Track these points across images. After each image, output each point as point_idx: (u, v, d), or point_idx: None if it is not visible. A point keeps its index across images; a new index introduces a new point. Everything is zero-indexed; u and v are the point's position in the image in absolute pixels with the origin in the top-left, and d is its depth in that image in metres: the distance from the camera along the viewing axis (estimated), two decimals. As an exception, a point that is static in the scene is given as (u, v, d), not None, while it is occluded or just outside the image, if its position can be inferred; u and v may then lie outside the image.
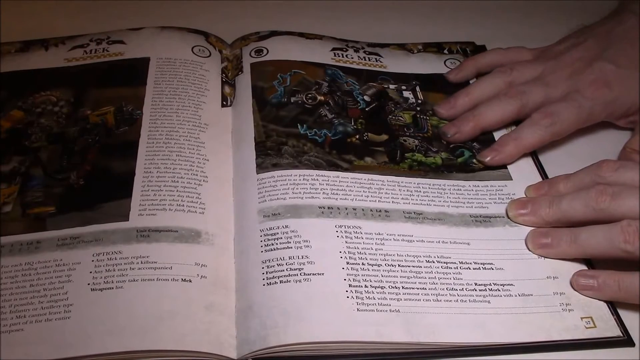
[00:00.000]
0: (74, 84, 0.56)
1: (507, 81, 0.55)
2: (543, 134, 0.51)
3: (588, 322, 0.42)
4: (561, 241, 0.44)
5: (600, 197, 0.43)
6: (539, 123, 0.51)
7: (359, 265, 0.43)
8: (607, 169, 0.45)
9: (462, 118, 0.54)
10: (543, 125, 0.51)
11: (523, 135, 0.52)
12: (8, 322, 0.39)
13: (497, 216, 0.48)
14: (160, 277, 0.42)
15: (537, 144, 0.52)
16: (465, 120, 0.54)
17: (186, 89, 0.56)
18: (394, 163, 0.52)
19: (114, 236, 0.44)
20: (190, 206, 0.46)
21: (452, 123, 0.55)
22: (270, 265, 0.43)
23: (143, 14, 0.67)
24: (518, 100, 0.53)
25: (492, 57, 0.60)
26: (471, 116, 0.54)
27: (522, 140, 0.52)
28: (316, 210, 0.46)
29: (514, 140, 0.52)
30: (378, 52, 0.63)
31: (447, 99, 0.57)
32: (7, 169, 0.49)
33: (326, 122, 0.54)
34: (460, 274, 0.44)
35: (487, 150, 0.53)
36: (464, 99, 0.56)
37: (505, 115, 0.53)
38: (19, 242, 0.44)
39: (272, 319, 0.40)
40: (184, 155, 0.50)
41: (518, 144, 0.52)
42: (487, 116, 0.53)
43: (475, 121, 0.53)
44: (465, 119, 0.54)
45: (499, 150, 0.52)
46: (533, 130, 0.52)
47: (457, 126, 0.54)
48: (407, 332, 0.40)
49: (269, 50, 0.60)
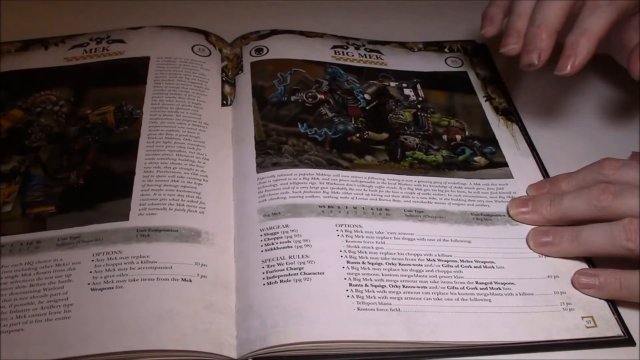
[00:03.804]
0: (74, 83, 0.56)
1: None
2: (609, 15, 0.47)
3: (589, 321, 0.41)
4: (562, 239, 0.44)
5: (603, 196, 0.43)
6: (597, 7, 0.47)
7: (360, 264, 0.43)
8: (609, 167, 0.45)
9: (530, 38, 0.49)
10: (603, 6, 0.47)
11: (589, 26, 0.47)
12: (8, 322, 0.39)
13: (498, 214, 0.48)
14: (160, 277, 0.42)
15: (607, 27, 0.47)
16: (534, 37, 0.49)
17: (186, 88, 0.56)
18: (394, 161, 0.52)
19: (114, 236, 0.44)
20: (191, 206, 0.46)
21: (527, 50, 0.49)
22: (270, 265, 0.43)
23: (143, 13, 0.67)
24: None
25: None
26: (536, 29, 0.49)
27: (592, 31, 0.47)
28: (316, 209, 0.46)
29: (582, 35, 0.47)
30: (379, 50, 0.63)
31: (506, 35, 0.51)
32: (7, 168, 0.49)
33: (326, 120, 0.54)
34: (461, 272, 0.44)
35: (562, 60, 0.48)
36: (522, 20, 0.50)
37: (564, 3, 0.48)
38: (19, 242, 0.44)
39: (272, 318, 0.40)
40: (184, 155, 0.50)
41: (589, 36, 0.47)
42: (551, 15, 0.48)
43: (545, 29, 0.48)
44: (534, 37, 0.49)
45: (575, 53, 0.47)
46: (597, 15, 0.47)
47: (534, 48, 0.49)
48: (408, 331, 0.40)
49: (269, 49, 0.60)
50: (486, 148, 0.54)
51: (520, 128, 0.56)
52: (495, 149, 0.53)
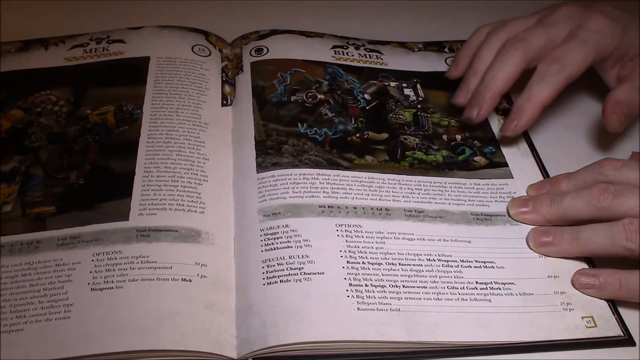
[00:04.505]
0: (74, 83, 0.56)
1: (503, 38, 0.52)
2: (555, 83, 0.49)
3: (589, 321, 0.41)
4: (562, 239, 0.44)
5: (603, 195, 0.43)
6: (547, 74, 0.49)
7: (360, 264, 0.43)
8: (609, 167, 0.45)
9: (475, 95, 0.52)
10: (552, 73, 0.49)
11: (535, 93, 0.49)
12: (8, 322, 0.39)
13: (498, 214, 0.48)
14: (160, 277, 0.42)
15: (552, 95, 0.49)
16: (479, 95, 0.52)
17: (186, 88, 0.56)
18: (394, 161, 0.51)
19: (114, 236, 0.44)
20: (190, 206, 0.46)
21: (470, 105, 0.52)
22: (270, 265, 0.43)
23: (143, 13, 0.67)
24: (520, 49, 0.50)
25: (481, 33, 0.56)
26: (483, 88, 0.51)
27: (536, 99, 0.49)
28: (316, 209, 0.46)
29: (528, 101, 0.49)
30: (379, 50, 0.63)
31: (459, 88, 0.54)
32: (7, 168, 0.49)
33: (326, 120, 0.54)
34: (461, 272, 0.44)
35: (506, 122, 0.50)
36: (473, 77, 0.53)
37: (512, 70, 0.50)
38: (19, 242, 0.44)
39: (272, 318, 0.40)
40: (184, 155, 0.50)
41: (534, 103, 0.49)
42: (497, 79, 0.51)
43: (488, 91, 0.51)
44: (479, 95, 0.52)
45: (518, 117, 0.50)
46: (544, 84, 0.49)
47: (475, 105, 0.52)
48: (408, 331, 0.40)
49: (269, 49, 0.60)
50: (486, 148, 0.54)
51: (521, 128, 0.56)
52: (495, 149, 0.54)
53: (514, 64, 0.50)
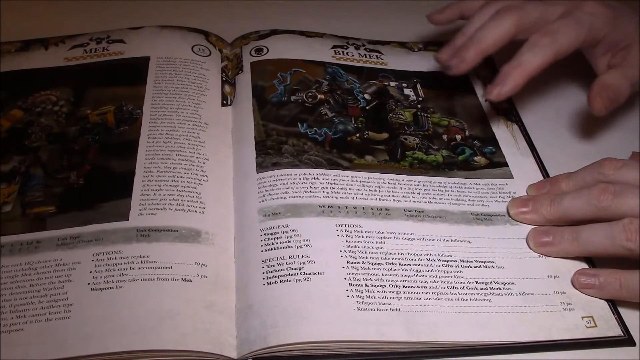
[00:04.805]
0: (74, 83, 0.56)
1: (499, 4, 0.53)
2: (545, 54, 0.49)
3: (589, 321, 0.41)
4: (562, 239, 0.44)
5: (603, 195, 0.43)
6: (538, 44, 0.49)
7: (360, 264, 0.43)
8: (609, 167, 0.45)
9: (462, 47, 0.52)
10: (543, 45, 0.49)
11: (525, 60, 0.49)
12: (8, 322, 0.39)
13: (498, 214, 0.48)
14: (160, 277, 0.42)
15: (541, 65, 0.49)
16: (465, 48, 0.52)
17: (186, 88, 0.56)
18: (394, 161, 0.51)
19: (114, 236, 0.44)
20: (190, 206, 0.46)
21: (453, 55, 0.52)
22: (270, 265, 0.43)
23: (143, 13, 0.67)
24: (514, 15, 0.51)
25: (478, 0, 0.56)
26: (470, 43, 0.51)
27: (525, 66, 0.49)
28: (316, 209, 0.46)
29: (516, 67, 0.49)
30: (379, 50, 0.63)
31: (445, 45, 0.54)
32: (7, 168, 0.49)
33: (326, 120, 0.54)
34: (461, 272, 0.44)
35: (490, 86, 0.50)
36: (462, 38, 0.53)
37: (503, 32, 0.51)
38: (19, 241, 0.44)
39: (272, 318, 0.40)
40: (184, 155, 0.50)
41: (522, 70, 0.49)
42: (486, 37, 0.51)
43: (475, 46, 0.51)
44: (465, 47, 0.52)
45: (504, 82, 0.50)
46: (534, 53, 0.49)
47: (459, 55, 0.52)
48: (408, 331, 0.40)
49: (269, 49, 0.60)
50: (486, 148, 0.54)
51: (520, 128, 0.56)
52: (495, 149, 0.54)
53: (506, 28, 0.51)
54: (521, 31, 0.51)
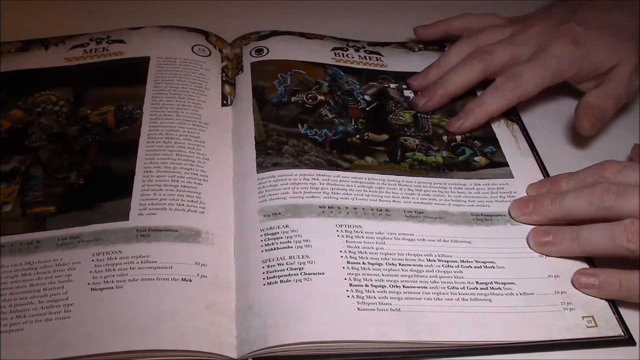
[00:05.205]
0: (74, 83, 0.56)
1: (474, 45, 0.56)
2: (507, 99, 0.53)
3: (589, 321, 0.41)
4: (563, 239, 0.44)
5: (606, 195, 0.43)
6: (501, 88, 0.53)
7: (360, 264, 0.43)
8: (611, 169, 0.45)
9: (431, 87, 0.56)
10: (506, 89, 0.53)
11: (487, 102, 0.53)
12: (8, 322, 0.39)
13: (498, 214, 0.48)
14: (160, 277, 0.42)
15: (501, 109, 0.54)
16: (433, 89, 0.56)
17: (186, 88, 0.56)
18: (394, 162, 0.51)
19: (114, 236, 0.44)
20: (191, 205, 0.46)
21: (422, 94, 0.57)
22: (270, 265, 0.43)
23: (143, 13, 0.67)
24: (482, 60, 0.54)
25: (463, 21, 0.61)
26: (439, 84, 0.56)
27: (486, 107, 0.53)
28: (316, 210, 0.46)
29: (479, 106, 0.54)
30: (379, 52, 0.63)
31: (419, 73, 0.59)
32: (7, 168, 0.49)
33: (326, 121, 0.54)
34: (461, 272, 0.44)
35: (454, 119, 0.54)
36: (435, 70, 0.57)
37: (470, 77, 0.55)
38: (19, 241, 0.44)
39: (272, 318, 0.40)
40: (184, 155, 0.50)
41: (483, 110, 0.53)
42: (453, 81, 0.55)
43: (442, 88, 0.55)
44: (433, 88, 0.56)
45: (465, 118, 0.54)
46: (496, 96, 0.53)
47: (426, 95, 0.56)
48: (408, 331, 0.40)
49: (269, 50, 0.60)
50: (487, 148, 0.54)
51: (521, 128, 0.56)
52: (495, 149, 0.54)
53: (474, 74, 0.55)
54: (490, 74, 0.55)
